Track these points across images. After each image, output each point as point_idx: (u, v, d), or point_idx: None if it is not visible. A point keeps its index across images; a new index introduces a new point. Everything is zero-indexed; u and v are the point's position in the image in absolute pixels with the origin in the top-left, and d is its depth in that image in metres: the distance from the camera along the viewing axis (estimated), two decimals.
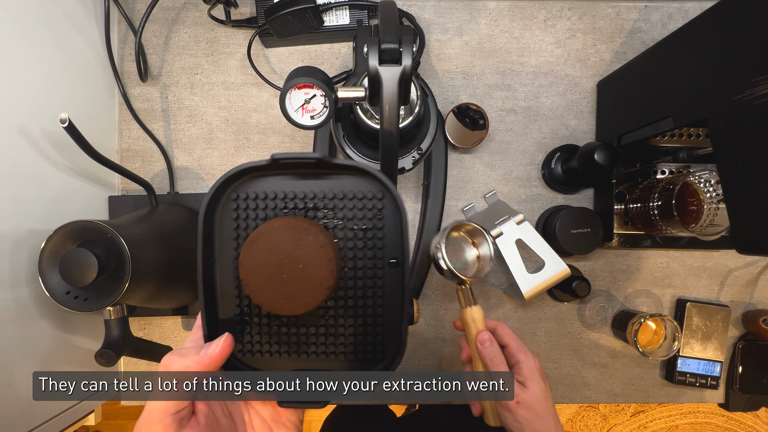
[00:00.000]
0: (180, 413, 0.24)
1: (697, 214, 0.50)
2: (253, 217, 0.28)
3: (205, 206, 0.27)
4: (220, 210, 0.28)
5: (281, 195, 0.28)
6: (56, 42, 0.50)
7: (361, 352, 0.29)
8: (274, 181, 0.28)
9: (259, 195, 0.28)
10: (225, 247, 0.28)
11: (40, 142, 0.47)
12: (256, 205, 0.28)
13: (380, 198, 0.28)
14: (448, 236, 0.46)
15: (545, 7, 0.60)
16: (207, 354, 0.25)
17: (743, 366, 0.60)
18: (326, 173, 0.28)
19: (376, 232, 0.28)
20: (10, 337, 0.43)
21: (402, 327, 0.28)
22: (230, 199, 0.28)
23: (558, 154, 0.59)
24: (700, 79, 0.39)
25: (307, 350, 0.29)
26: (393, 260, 0.29)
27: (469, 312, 0.46)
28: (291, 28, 0.55)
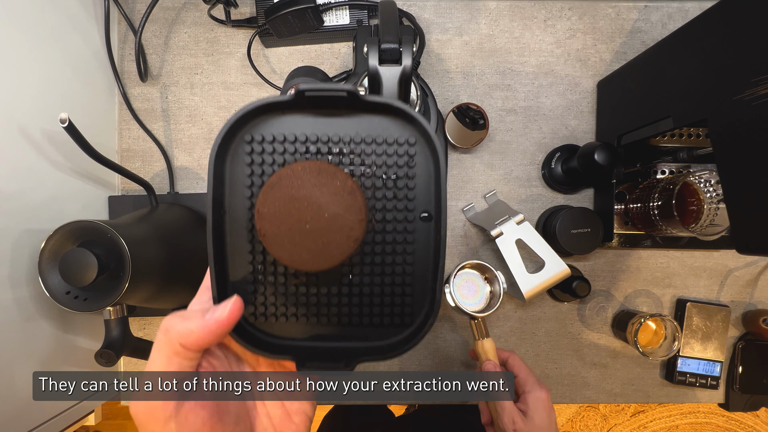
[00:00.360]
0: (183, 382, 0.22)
1: (697, 214, 0.50)
2: (269, 163, 0.24)
3: (215, 150, 0.23)
4: (231, 155, 0.24)
5: (302, 138, 0.24)
6: (56, 42, 0.50)
7: (388, 315, 0.26)
8: (294, 122, 0.24)
9: (276, 137, 0.24)
10: (237, 198, 0.24)
11: (40, 142, 0.47)
12: (273, 149, 0.24)
13: (412, 143, 0.25)
14: (458, 273, 0.49)
15: (545, 7, 0.60)
16: (213, 318, 0.22)
17: (743, 366, 0.60)
18: (353, 113, 0.25)
19: (407, 181, 0.25)
20: (10, 337, 0.43)
21: (436, 286, 0.25)
22: (244, 142, 0.24)
23: (558, 154, 0.59)
24: (700, 79, 0.39)
25: (328, 313, 0.26)
26: (425, 214, 0.26)
27: (480, 344, 0.50)
28: (291, 28, 0.56)
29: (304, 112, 0.25)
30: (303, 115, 0.25)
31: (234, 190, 0.25)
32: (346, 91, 0.23)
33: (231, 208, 0.25)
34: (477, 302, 0.51)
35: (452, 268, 0.51)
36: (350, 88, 0.23)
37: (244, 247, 0.25)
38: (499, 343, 0.61)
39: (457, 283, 0.51)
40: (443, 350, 0.61)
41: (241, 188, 0.24)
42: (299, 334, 0.26)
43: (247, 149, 0.24)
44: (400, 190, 0.25)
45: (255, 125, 0.24)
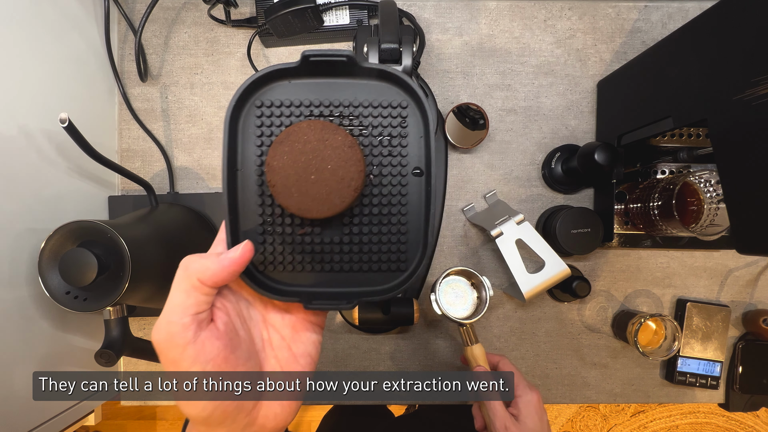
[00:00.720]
0: (200, 315, 0.24)
1: (697, 214, 0.50)
2: (277, 125, 0.27)
3: (229, 113, 0.26)
4: (243, 119, 0.27)
5: (306, 102, 0.27)
6: (56, 42, 0.50)
7: (385, 261, 0.29)
8: (299, 88, 0.27)
9: (284, 102, 0.27)
10: (248, 158, 0.27)
11: (40, 142, 0.47)
12: (281, 113, 0.27)
13: (405, 107, 0.28)
14: (444, 281, 0.49)
15: (545, 7, 0.60)
16: (227, 257, 0.24)
17: (743, 366, 0.60)
18: (352, 78, 0.28)
19: (401, 140, 0.28)
20: (10, 337, 0.43)
21: (428, 232, 0.28)
22: (254, 107, 0.27)
23: (558, 154, 0.59)
24: (700, 79, 0.39)
25: (331, 260, 0.28)
26: (417, 169, 0.28)
27: (470, 350, 0.49)
28: (291, 28, 0.56)
29: (308, 77, 0.27)
30: (307, 80, 0.27)
31: (245, 150, 0.27)
32: (345, 56, 0.26)
33: (243, 166, 0.27)
34: (464, 309, 0.51)
35: (438, 276, 0.51)
36: (349, 52, 0.26)
37: (255, 201, 0.27)
38: (500, 343, 0.61)
39: (443, 290, 0.51)
40: (443, 349, 0.61)
41: (251, 148, 0.27)
42: (305, 281, 0.29)
43: (257, 113, 0.27)
44: (395, 148, 0.28)
45: (264, 92, 0.27)
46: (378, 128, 0.28)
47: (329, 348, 0.61)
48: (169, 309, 0.24)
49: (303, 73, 0.27)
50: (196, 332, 0.23)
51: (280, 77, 0.27)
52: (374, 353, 0.61)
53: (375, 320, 0.54)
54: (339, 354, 0.61)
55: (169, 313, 0.24)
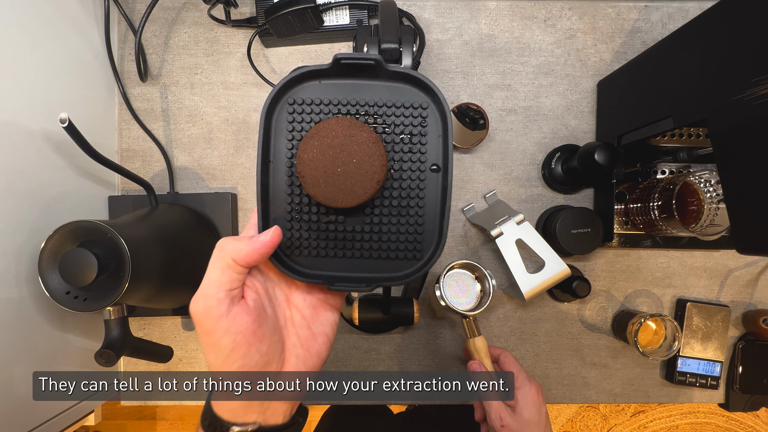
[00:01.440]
0: (233, 292, 0.27)
1: (697, 214, 0.50)
2: (308, 122, 0.29)
3: (265, 110, 0.28)
4: (276, 115, 0.29)
5: (335, 101, 0.29)
6: (56, 42, 0.50)
7: (402, 249, 0.31)
8: (328, 88, 0.29)
9: (314, 101, 0.29)
10: (279, 151, 0.29)
11: (40, 141, 0.47)
12: (311, 110, 0.29)
13: (425, 107, 0.30)
14: (448, 273, 0.50)
15: (545, 7, 0.60)
16: (259, 240, 0.27)
17: (743, 366, 0.60)
18: (377, 79, 0.30)
19: (420, 138, 0.30)
20: (10, 337, 0.43)
21: (443, 225, 0.30)
22: (287, 104, 0.29)
23: (558, 154, 0.59)
24: (700, 79, 0.39)
25: (352, 248, 0.31)
26: (434, 166, 0.30)
27: (472, 342, 0.50)
28: (291, 28, 0.56)
29: (337, 78, 0.29)
30: (335, 80, 0.29)
31: (278, 143, 0.29)
32: (374, 59, 0.28)
33: (275, 158, 0.30)
34: (467, 301, 0.51)
35: (441, 269, 0.52)
36: (378, 57, 0.28)
37: (284, 190, 0.30)
38: (500, 343, 0.61)
39: (447, 283, 0.51)
40: (443, 349, 0.61)
41: (283, 142, 0.29)
42: (327, 266, 0.31)
43: (290, 110, 0.29)
44: (414, 145, 0.30)
45: (297, 90, 0.29)
46: (400, 126, 0.30)
47: None
48: (206, 284, 0.26)
49: (332, 74, 0.29)
50: (229, 307, 0.26)
51: (311, 77, 0.29)
52: (374, 353, 0.61)
53: (375, 320, 0.54)
54: (339, 354, 0.61)
55: (206, 287, 0.26)
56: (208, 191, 0.60)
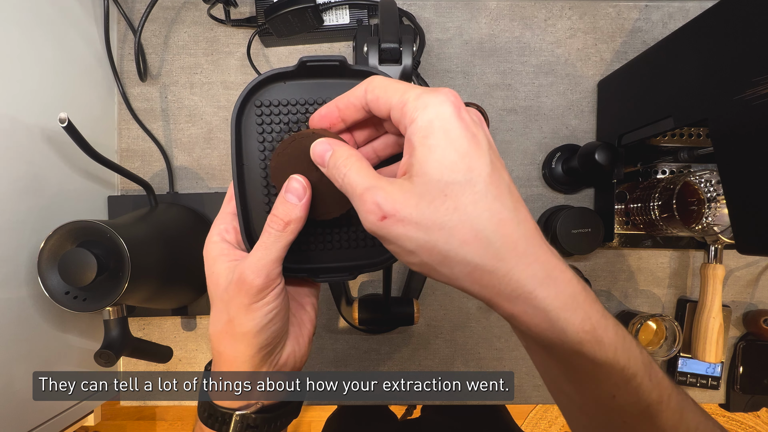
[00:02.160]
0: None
1: (697, 214, 0.50)
2: (276, 122, 0.30)
3: (235, 114, 0.29)
4: (246, 117, 0.30)
5: (302, 101, 0.30)
6: (55, 42, 0.50)
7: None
8: (295, 88, 0.30)
9: (281, 101, 0.29)
10: (251, 152, 0.30)
11: (40, 141, 0.47)
12: (279, 111, 0.30)
13: None
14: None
15: (546, 6, 0.60)
16: (299, 205, 0.27)
17: (744, 366, 0.59)
18: (343, 79, 0.30)
19: None
20: (9, 337, 0.43)
21: None
22: (254, 106, 0.29)
23: (558, 153, 0.59)
24: (700, 79, 0.39)
25: (332, 240, 0.31)
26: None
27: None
28: (291, 28, 0.55)
29: (304, 79, 0.30)
30: (302, 81, 0.30)
31: (249, 146, 0.30)
32: (338, 60, 0.28)
33: (248, 161, 0.30)
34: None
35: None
36: (341, 57, 0.28)
37: (261, 191, 0.30)
38: (500, 343, 0.61)
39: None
40: (443, 350, 0.61)
41: (254, 144, 0.30)
42: (310, 260, 0.32)
43: (257, 112, 0.29)
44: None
45: (264, 92, 0.29)
46: None
47: (329, 348, 0.61)
48: (264, 254, 0.27)
49: (299, 76, 0.30)
50: (282, 280, 0.28)
51: (277, 80, 0.30)
52: (374, 353, 0.61)
53: (375, 320, 0.54)
54: (339, 354, 0.61)
55: (264, 257, 0.27)
56: (208, 191, 0.60)
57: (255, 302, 0.26)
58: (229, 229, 0.30)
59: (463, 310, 0.61)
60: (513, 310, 0.21)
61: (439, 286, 0.61)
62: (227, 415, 0.28)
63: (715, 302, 0.53)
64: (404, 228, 0.21)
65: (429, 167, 0.21)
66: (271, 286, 0.27)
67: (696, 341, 0.53)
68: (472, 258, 0.21)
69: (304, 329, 0.32)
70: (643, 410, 0.22)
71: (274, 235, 0.27)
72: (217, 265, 0.29)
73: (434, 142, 0.21)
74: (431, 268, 0.22)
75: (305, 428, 1.47)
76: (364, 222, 0.22)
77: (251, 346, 0.27)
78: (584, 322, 0.22)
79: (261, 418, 0.29)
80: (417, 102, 0.21)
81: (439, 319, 0.61)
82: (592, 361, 0.22)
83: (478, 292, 0.22)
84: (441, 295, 0.61)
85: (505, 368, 0.61)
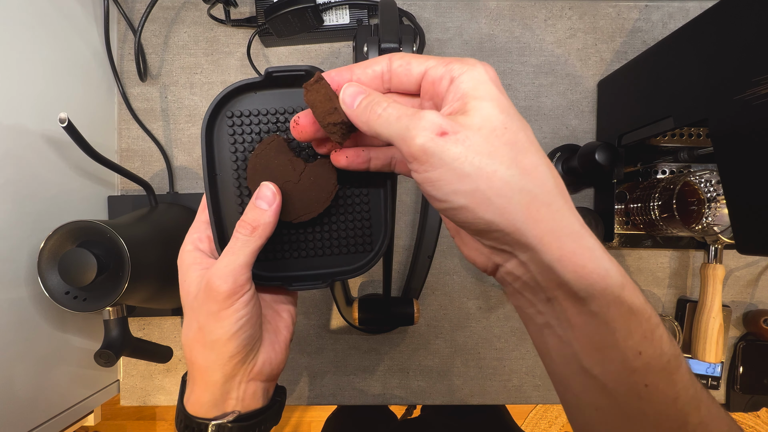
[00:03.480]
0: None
1: (697, 214, 0.50)
2: (248, 132, 0.30)
3: (205, 124, 0.29)
4: (217, 128, 0.30)
5: (272, 110, 0.30)
6: (55, 42, 0.49)
7: (353, 245, 0.32)
8: (265, 98, 0.30)
9: (252, 111, 0.30)
10: (225, 163, 0.30)
11: (40, 141, 0.47)
12: (250, 121, 0.30)
13: None
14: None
15: (545, 6, 0.60)
16: (269, 210, 0.27)
17: (744, 366, 0.59)
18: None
19: None
20: (9, 337, 0.43)
21: (388, 220, 0.32)
22: (226, 117, 0.30)
23: (558, 153, 0.59)
24: (700, 79, 0.39)
25: (307, 248, 0.32)
26: None
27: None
28: (291, 28, 0.55)
29: (274, 89, 0.30)
30: (272, 91, 0.30)
31: (222, 156, 0.30)
32: (304, 70, 0.28)
33: (221, 171, 0.30)
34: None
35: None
36: (308, 67, 0.28)
37: (234, 201, 0.31)
38: (500, 343, 0.61)
39: None
40: (443, 350, 0.61)
41: (227, 154, 0.30)
42: (284, 268, 0.32)
43: (229, 123, 0.30)
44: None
45: (234, 103, 0.30)
46: None
47: (329, 348, 0.61)
48: (232, 260, 0.27)
49: (267, 86, 0.30)
50: (251, 287, 0.28)
51: (247, 90, 0.30)
52: (374, 353, 0.61)
53: (375, 320, 0.54)
54: (339, 354, 0.61)
55: (232, 263, 0.27)
56: None
57: (223, 309, 0.26)
58: (202, 237, 0.30)
59: (463, 310, 0.61)
60: (562, 252, 0.21)
61: (439, 286, 0.61)
62: (203, 425, 0.28)
63: (715, 302, 0.53)
64: (464, 147, 0.20)
65: (484, 110, 0.21)
66: (240, 292, 0.27)
67: (696, 341, 0.53)
68: (533, 187, 0.20)
69: (279, 336, 0.32)
70: (664, 366, 0.21)
71: (242, 240, 0.27)
72: (189, 274, 0.29)
73: (485, 93, 0.21)
74: (481, 202, 0.20)
75: (305, 428, 1.47)
76: (413, 142, 0.20)
77: (222, 354, 0.27)
78: (619, 266, 0.22)
79: (238, 427, 0.28)
80: (463, 62, 0.22)
81: (439, 319, 0.61)
82: (630, 308, 0.21)
83: (531, 229, 0.20)
84: (441, 295, 0.61)
85: (505, 368, 0.61)
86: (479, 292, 0.61)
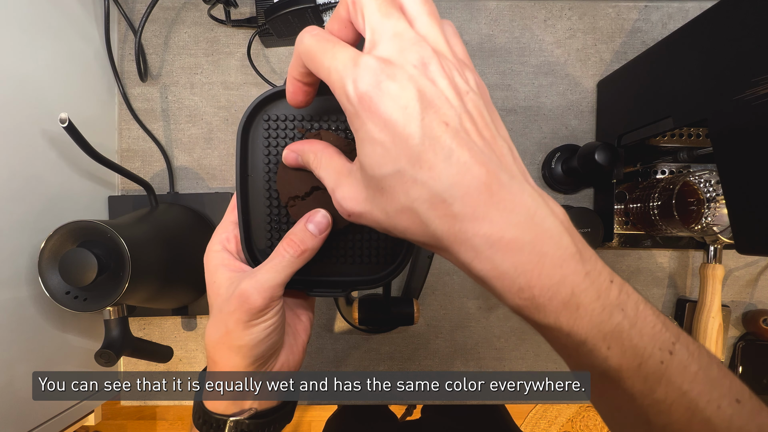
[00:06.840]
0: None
1: (697, 214, 0.50)
2: (282, 136, 0.30)
3: (242, 126, 0.30)
4: (253, 130, 0.30)
5: (308, 117, 0.30)
6: (56, 42, 0.50)
7: (375, 255, 0.32)
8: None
9: (288, 116, 0.30)
10: (257, 164, 0.31)
11: (40, 142, 0.47)
12: (285, 126, 0.30)
13: None
14: None
15: (545, 6, 0.60)
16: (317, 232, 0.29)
17: (743, 366, 0.59)
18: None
19: None
20: (9, 337, 0.43)
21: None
22: (262, 120, 0.30)
23: (558, 154, 0.59)
24: (700, 79, 0.39)
25: (329, 255, 0.32)
26: None
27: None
28: (291, 28, 0.55)
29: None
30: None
31: (255, 158, 0.31)
32: None
33: (253, 172, 0.31)
34: None
35: None
36: None
37: (263, 203, 0.31)
38: (500, 343, 0.61)
39: None
40: (443, 349, 0.61)
41: (260, 156, 0.31)
42: (305, 272, 0.31)
43: (265, 126, 0.30)
44: None
45: (270, 107, 0.30)
46: None
47: (329, 348, 0.61)
48: (271, 274, 0.28)
49: None
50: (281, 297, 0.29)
51: (283, 96, 0.30)
52: (374, 353, 0.61)
53: (375, 320, 0.54)
54: (339, 354, 0.61)
55: (271, 278, 0.28)
56: (208, 191, 0.60)
57: (255, 320, 0.27)
58: (230, 238, 0.31)
59: (463, 310, 0.61)
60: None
61: (439, 286, 0.61)
62: (221, 421, 0.29)
63: (715, 302, 0.53)
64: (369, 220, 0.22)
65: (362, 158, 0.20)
66: (272, 306, 0.27)
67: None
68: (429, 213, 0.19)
69: (298, 339, 0.33)
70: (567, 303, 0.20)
71: (288, 260, 0.27)
72: (218, 275, 0.29)
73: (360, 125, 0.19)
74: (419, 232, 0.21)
75: (305, 428, 1.47)
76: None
77: (246, 358, 0.28)
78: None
79: (254, 424, 0.29)
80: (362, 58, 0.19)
81: (439, 319, 0.61)
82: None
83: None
84: (441, 295, 0.61)
85: (505, 368, 0.61)
86: (479, 292, 0.61)
